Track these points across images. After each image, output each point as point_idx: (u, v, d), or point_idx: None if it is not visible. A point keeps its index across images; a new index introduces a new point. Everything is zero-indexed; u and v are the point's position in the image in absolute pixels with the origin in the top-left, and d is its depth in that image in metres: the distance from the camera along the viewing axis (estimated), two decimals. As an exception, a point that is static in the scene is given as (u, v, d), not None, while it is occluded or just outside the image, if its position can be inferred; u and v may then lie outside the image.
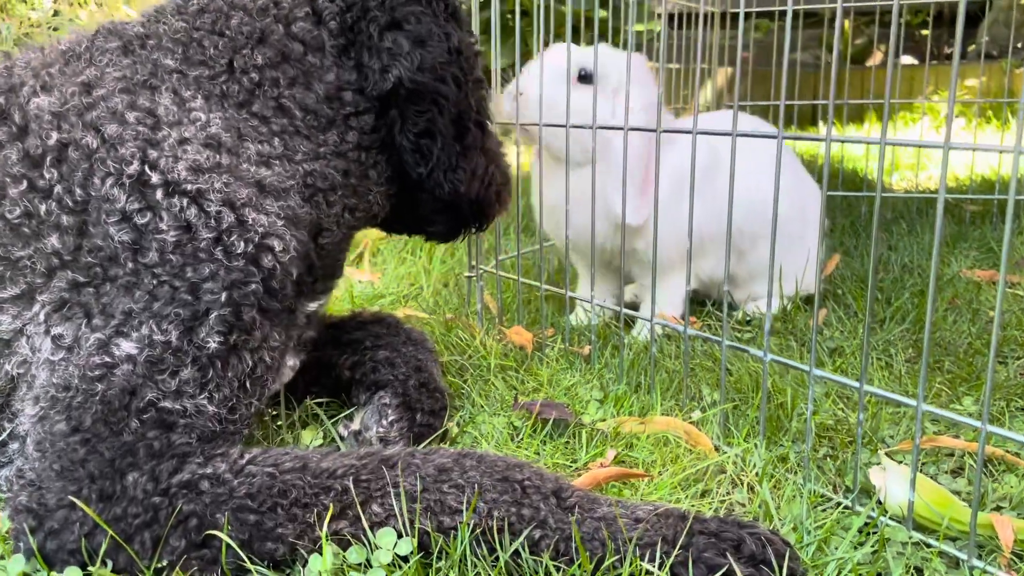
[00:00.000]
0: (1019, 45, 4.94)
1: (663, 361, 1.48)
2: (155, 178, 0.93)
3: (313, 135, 1.07)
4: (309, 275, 1.06)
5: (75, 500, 0.87)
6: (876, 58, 6.46)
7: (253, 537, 0.88)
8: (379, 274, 2.12)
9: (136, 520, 0.87)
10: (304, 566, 0.88)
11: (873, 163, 3.40)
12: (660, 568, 0.83)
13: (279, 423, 1.21)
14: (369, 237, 2.33)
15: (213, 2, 1.09)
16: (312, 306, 1.17)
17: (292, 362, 1.19)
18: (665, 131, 1.27)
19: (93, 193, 0.93)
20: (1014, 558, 0.93)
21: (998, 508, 1.03)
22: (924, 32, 4.99)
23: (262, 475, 0.90)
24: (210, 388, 0.92)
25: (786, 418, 1.23)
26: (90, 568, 0.86)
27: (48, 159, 0.94)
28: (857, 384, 1.02)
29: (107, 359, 0.89)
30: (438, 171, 1.15)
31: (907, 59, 6.30)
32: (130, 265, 0.91)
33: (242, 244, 0.94)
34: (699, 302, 1.86)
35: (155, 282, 0.91)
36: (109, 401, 0.89)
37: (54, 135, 0.95)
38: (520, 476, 0.93)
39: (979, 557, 0.93)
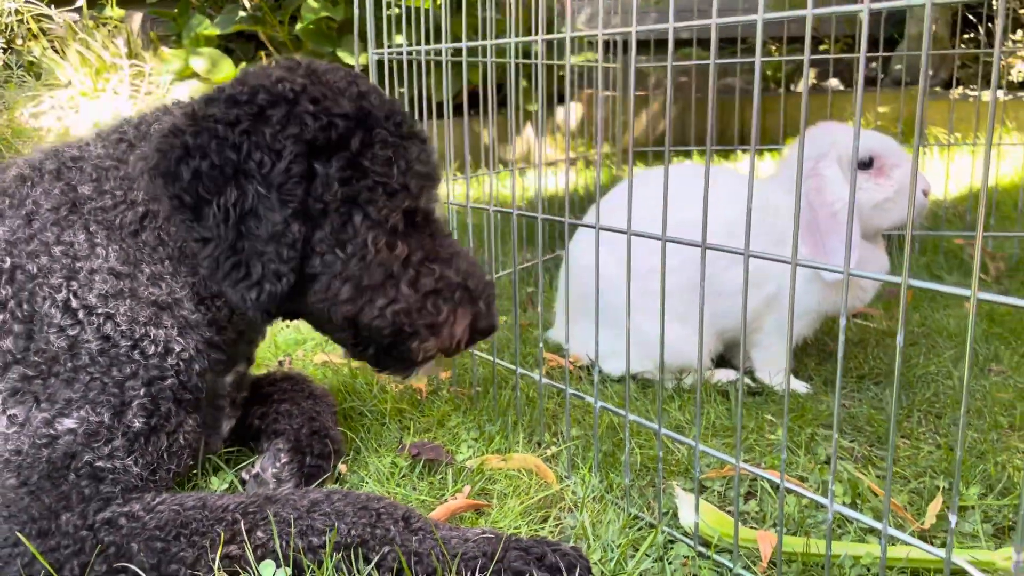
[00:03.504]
0: (931, 72, 5.24)
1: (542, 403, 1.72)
2: (75, 303, 1.21)
3: (190, 259, 1.28)
4: (219, 363, 1.34)
5: (19, 536, 1.09)
6: (799, 84, 6.77)
7: (161, 561, 1.11)
8: (306, 321, 2.34)
9: (67, 551, 1.10)
10: (203, 592, 1.11)
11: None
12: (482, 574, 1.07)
13: (194, 471, 1.44)
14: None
15: (127, 132, 1.32)
16: (229, 378, 1.42)
17: (228, 425, 1.46)
18: (635, 233, 1.25)
19: (37, 309, 1.21)
20: (771, 565, 1.17)
21: (774, 526, 1.28)
22: (846, 55, 5.30)
23: (168, 511, 1.14)
24: (136, 454, 1.19)
25: (621, 453, 1.47)
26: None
27: (3, 278, 1.22)
28: (656, 426, 1.27)
29: (51, 432, 1.16)
30: (222, 279, 1.20)
31: (835, 82, 6.63)
32: (69, 364, 1.19)
33: (152, 348, 1.22)
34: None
35: (88, 379, 1.19)
36: (53, 462, 1.14)
37: (8, 260, 1.23)
38: (377, 505, 1.17)
39: (745, 567, 1.17)
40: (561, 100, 5.54)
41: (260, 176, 1.17)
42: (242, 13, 4.99)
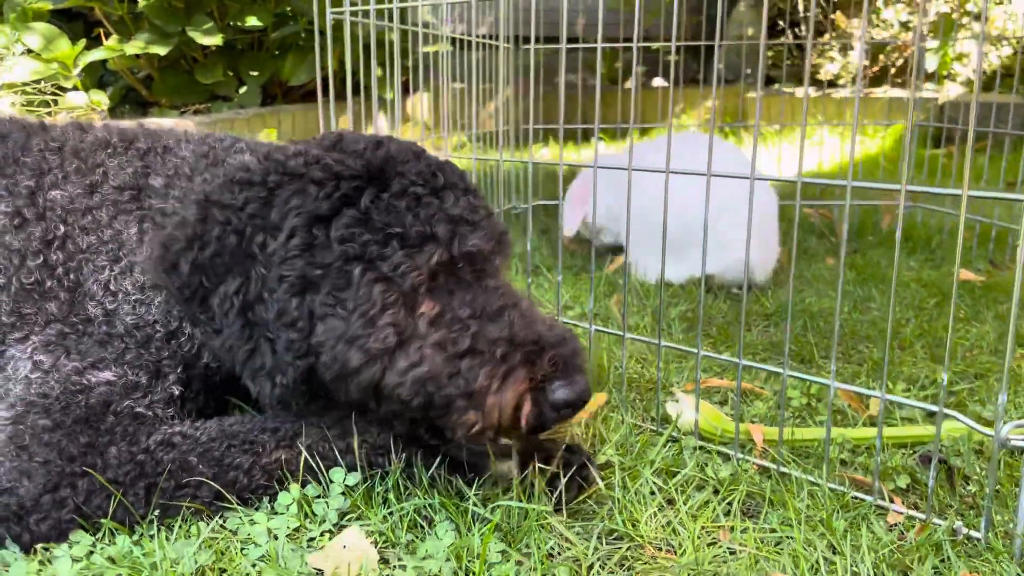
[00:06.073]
0: (748, 71, 5.81)
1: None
2: (114, 286, 1.23)
3: None
4: None
5: (86, 469, 1.08)
6: (630, 81, 7.26)
7: (218, 471, 1.15)
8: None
9: (128, 477, 1.11)
10: (272, 501, 1.16)
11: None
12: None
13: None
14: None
15: (213, 149, 1.35)
16: None
17: None
18: (601, 167, 1.54)
19: (82, 280, 1.22)
20: (765, 448, 1.37)
21: (752, 421, 1.48)
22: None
23: (215, 426, 1.19)
24: (174, 409, 1.23)
25: (603, 374, 1.63)
26: (103, 521, 1.08)
27: (55, 244, 1.23)
28: (656, 342, 1.44)
29: (84, 381, 1.16)
30: (241, 371, 1.17)
31: (659, 81, 7.14)
32: (103, 329, 1.21)
33: (189, 344, 1.25)
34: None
35: (123, 346, 1.20)
36: (91, 407, 1.14)
37: (61, 228, 1.24)
38: None
39: (742, 453, 1.36)
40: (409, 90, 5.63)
41: (263, 258, 1.11)
42: (77, -12, 4.70)
